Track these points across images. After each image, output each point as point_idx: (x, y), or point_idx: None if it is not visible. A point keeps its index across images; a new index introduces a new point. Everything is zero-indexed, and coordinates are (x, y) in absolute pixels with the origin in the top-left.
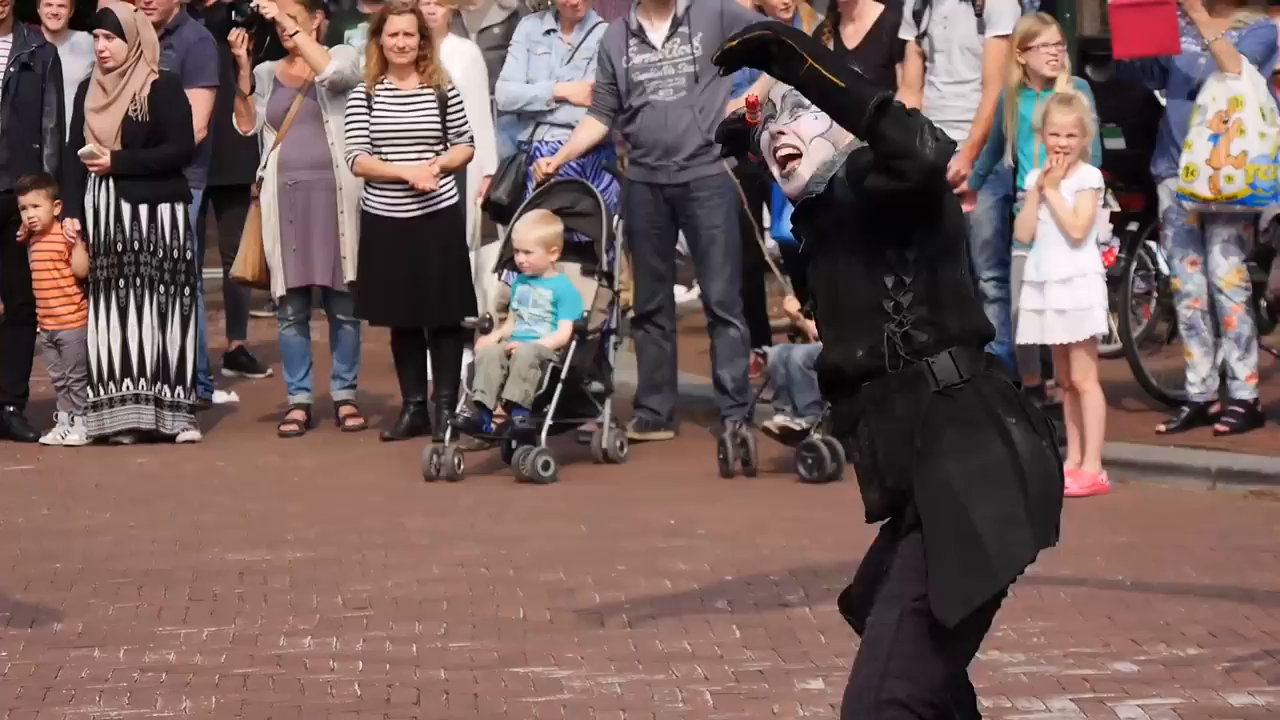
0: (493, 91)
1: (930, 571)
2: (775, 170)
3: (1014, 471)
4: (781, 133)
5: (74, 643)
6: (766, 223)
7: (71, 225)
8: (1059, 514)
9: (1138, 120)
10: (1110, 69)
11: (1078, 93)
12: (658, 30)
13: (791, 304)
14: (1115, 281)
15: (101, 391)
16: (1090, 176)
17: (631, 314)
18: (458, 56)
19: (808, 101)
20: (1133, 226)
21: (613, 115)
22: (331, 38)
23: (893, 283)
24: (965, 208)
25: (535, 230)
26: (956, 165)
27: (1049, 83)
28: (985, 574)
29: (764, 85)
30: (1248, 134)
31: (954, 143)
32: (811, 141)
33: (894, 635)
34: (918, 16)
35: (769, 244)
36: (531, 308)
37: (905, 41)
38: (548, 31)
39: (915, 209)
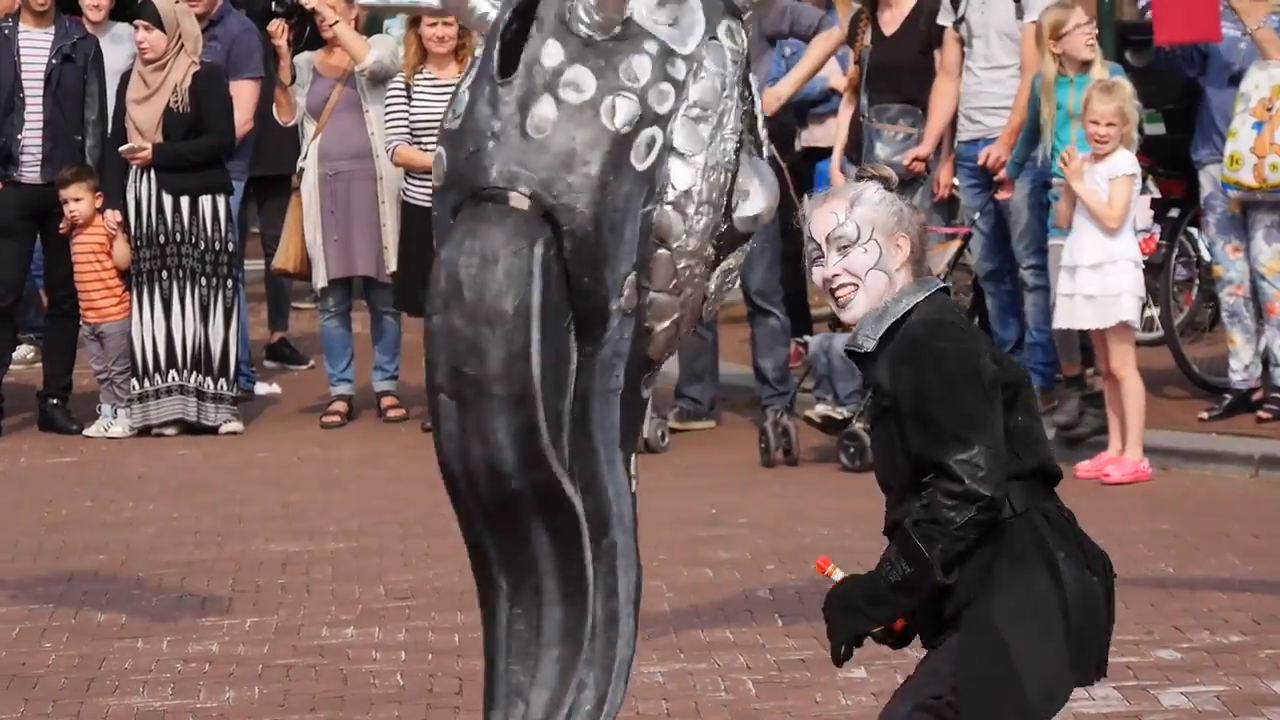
0: None
1: (963, 710)
2: (832, 303)
3: (1060, 608)
4: (836, 275)
5: (117, 634)
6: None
7: (113, 217)
8: (1102, 650)
9: (1178, 106)
10: (1150, 54)
11: (1120, 80)
12: None
13: None
14: (1156, 268)
15: (146, 383)
16: (1124, 163)
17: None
18: None
19: (852, 236)
20: (1174, 213)
21: None
22: (371, 28)
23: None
24: (1002, 195)
25: None
26: (996, 152)
27: (1085, 66)
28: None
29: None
30: None
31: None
32: (866, 275)
33: None
34: (955, 2)
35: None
36: None
37: (943, 27)
38: None
39: None
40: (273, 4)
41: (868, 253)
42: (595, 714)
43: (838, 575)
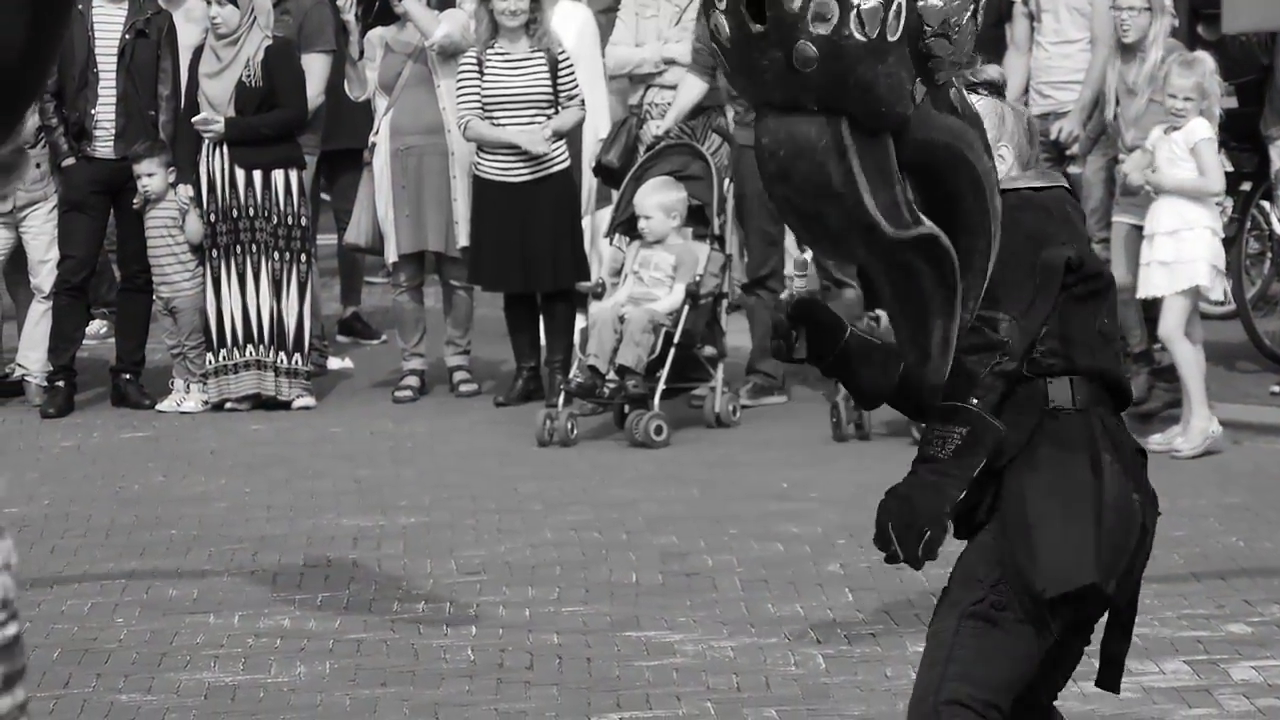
0: (603, 55)
1: (1012, 585)
2: None
3: (1093, 504)
4: None
5: (189, 608)
6: None
7: (185, 191)
8: (1125, 565)
9: (1250, 79)
10: (1220, 28)
11: (1202, 54)
12: None
13: None
14: (1228, 242)
15: (222, 357)
16: (1200, 128)
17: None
18: (571, 20)
19: None
20: (1245, 186)
21: (712, 71)
22: (443, 3)
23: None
24: (1074, 169)
25: (656, 195)
26: (1068, 126)
27: (1132, 45)
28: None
29: None
30: None
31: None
32: None
33: (952, 640)
34: None
35: None
36: (653, 271)
37: (1013, 2)
38: None
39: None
40: None
41: None
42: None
43: None
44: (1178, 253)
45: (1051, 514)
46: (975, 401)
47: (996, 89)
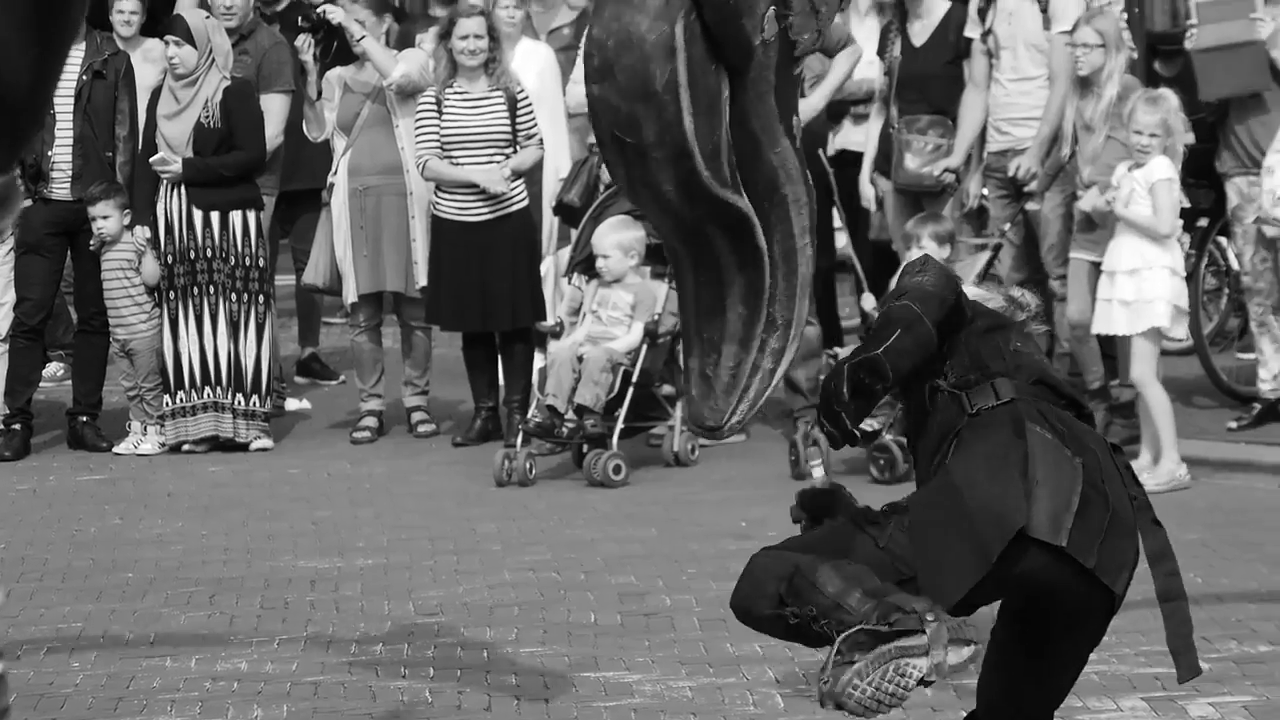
0: (564, 93)
1: (918, 568)
2: None
3: (1019, 455)
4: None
5: (146, 652)
6: (838, 223)
7: (141, 233)
8: (1071, 516)
9: (1207, 115)
10: (1179, 64)
11: (1166, 92)
12: None
13: (868, 301)
14: (1185, 278)
15: (181, 399)
16: (1160, 168)
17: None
18: (533, 59)
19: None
20: (1203, 222)
21: None
22: (402, 42)
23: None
24: (1032, 206)
25: (614, 234)
26: (1025, 163)
27: (1088, 80)
28: (971, 555)
29: None
30: None
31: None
32: None
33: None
34: (982, 13)
35: (841, 244)
36: (611, 310)
37: (972, 39)
38: None
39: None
40: (297, 19)
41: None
42: (784, 336)
43: None
44: (1138, 292)
45: (976, 481)
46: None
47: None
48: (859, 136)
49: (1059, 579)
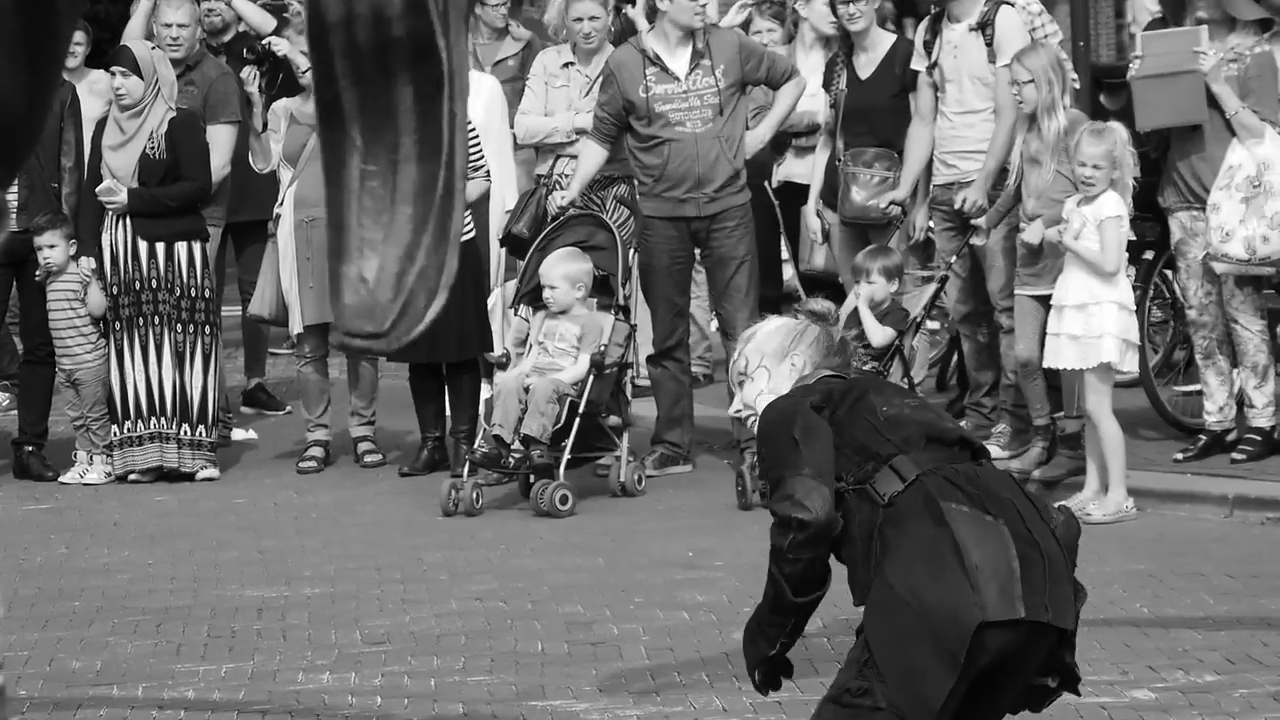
0: (511, 125)
1: (881, 667)
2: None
3: (949, 548)
4: (737, 411)
5: (92, 680)
6: (785, 255)
7: (86, 264)
8: (1035, 588)
9: (1152, 149)
10: (1124, 97)
11: (1115, 125)
12: (679, 60)
13: None
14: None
15: (127, 429)
16: (1109, 204)
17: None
18: (480, 90)
19: (741, 368)
20: (1149, 255)
21: (614, 140)
22: None
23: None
24: (977, 240)
25: (561, 266)
26: (971, 196)
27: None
28: (939, 663)
29: None
30: (1278, 195)
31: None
32: (758, 399)
33: None
34: (928, 47)
35: (788, 275)
36: (557, 341)
37: (918, 72)
38: (565, 64)
39: None
40: (243, 50)
41: (754, 383)
42: (437, 278)
43: None
44: (1086, 327)
45: (917, 579)
46: (783, 571)
47: (820, 317)
48: (801, 168)
49: (1019, 642)
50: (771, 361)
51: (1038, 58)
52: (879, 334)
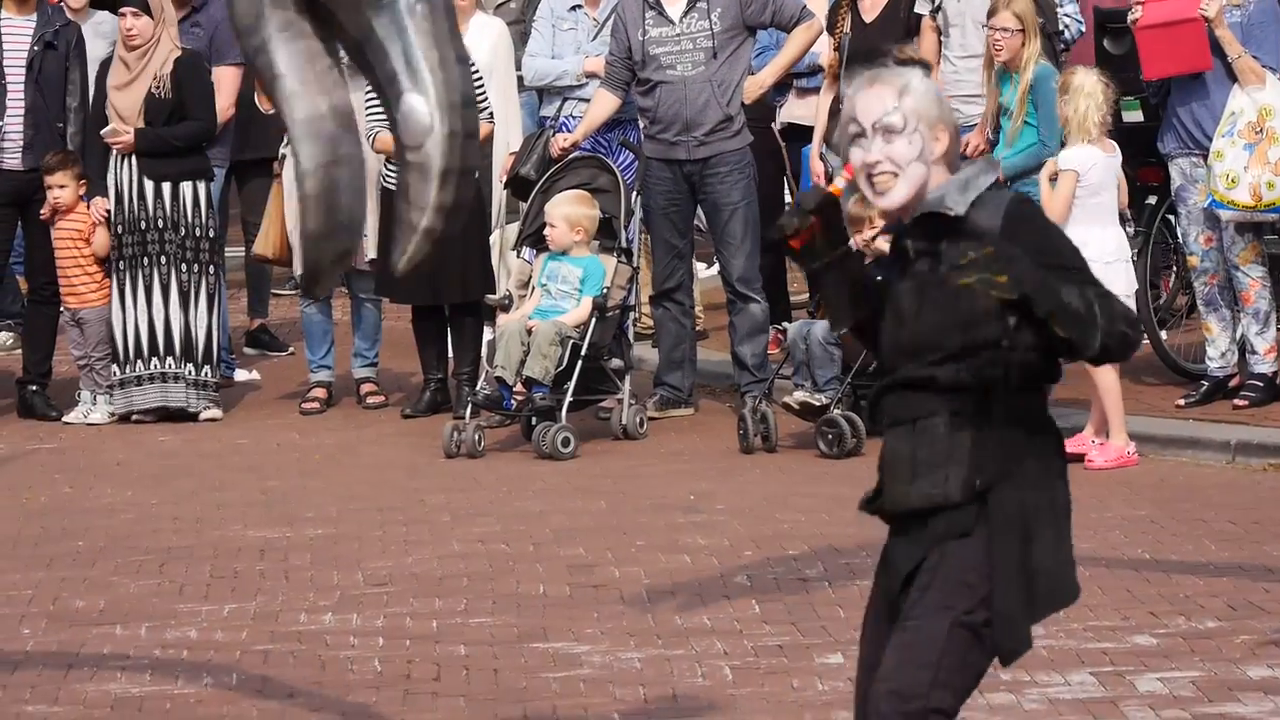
0: (517, 67)
1: (995, 602)
2: (866, 188)
3: (1068, 517)
4: (878, 161)
5: (96, 620)
6: (789, 197)
7: (101, 204)
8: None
9: (1150, 96)
10: (1127, 42)
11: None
12: (674, 4)
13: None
14: (1136, 254)
15: (129, 369)
16: (1069, 158)
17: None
18: (486, 33)
19: (898, 126)
20: (1151, 200)
21: (626, 87)
22: None
23: (1006, 316)
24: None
25: (562, 207)
26: (974, 140)
27: (1007, 65)
28: (1034, 611)
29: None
30: None
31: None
32: (909, 165)
33: (944, 646)
34: None
35: None
36: (560, 284)
37: (920, 16)
38: (573, 7)
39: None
40: None
41: (911, 144)
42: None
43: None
44: None
45: (1044, 537)
46: (1112, 323)
47: (926, 68)
48: (802, 110)
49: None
50: (925, 129)
51: (1026, 4)
52: None
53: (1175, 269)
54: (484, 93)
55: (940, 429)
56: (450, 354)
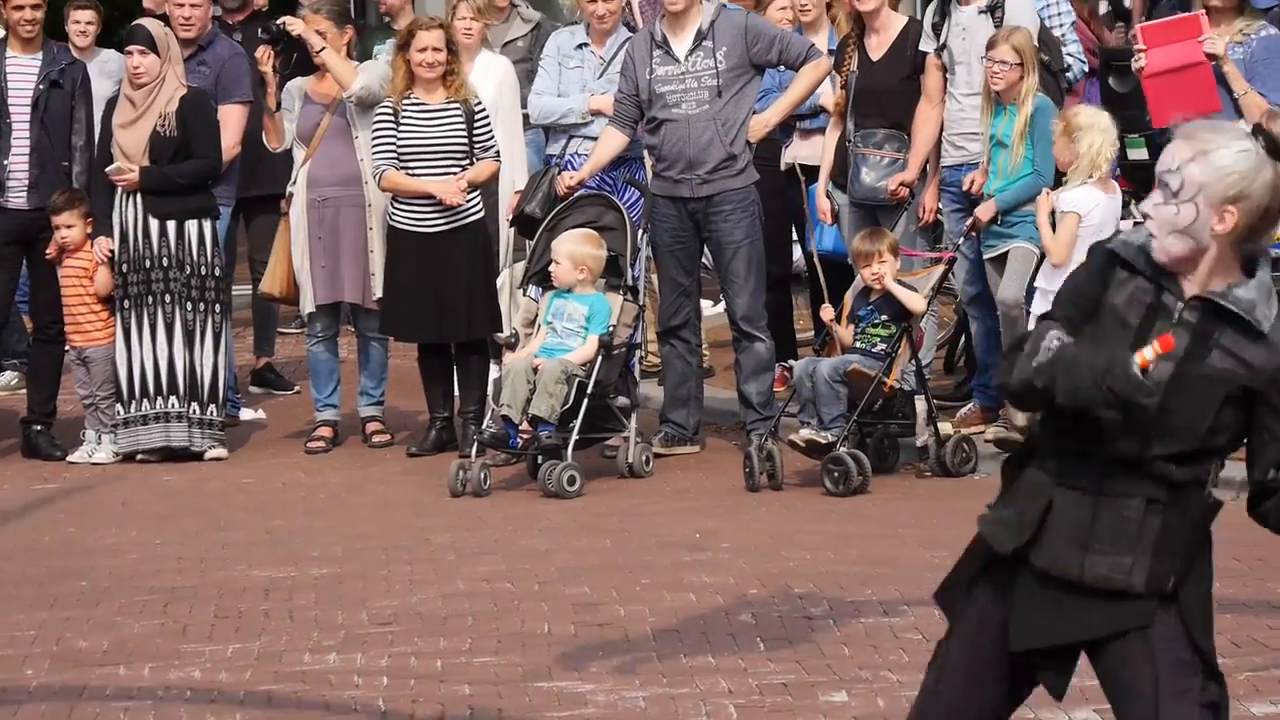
0: (523, 105)
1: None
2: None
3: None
4: (1147, 216)
5: (99, 660)
6: (794, 236)
7: (105, 244)
8: None
9: (1165, 132)
10: (1133, 80)
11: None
12: (681, 43)
13: (826, 313)
14: None
15: (134, 408)
16: (1073, 199)
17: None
18: (492, 71)
19: (1174, 188)
20: None
21: (634, 126)
22: (362, 53)
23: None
24: (984, 212)
25: (568, 245)
26: (979, 178)
27: (1001, 97)
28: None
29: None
30: None
31: None
32: (1167, 236)
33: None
34: (937, 29)
35: (796, 256)
36: (566, 322)
37: (926, 54)
38: (580, 45)
39: None
40: (258, 30)
41: (1180, 214)
42: None
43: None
44: None
45: (1206, 600)
46: None
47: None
48: (806, 150)
49: None
50: (1205, 203)
51: (1024, 38)
52: (917, 301)
53: None
54: (490, 130)
55: (1133, 512)
56: (456, 392)
